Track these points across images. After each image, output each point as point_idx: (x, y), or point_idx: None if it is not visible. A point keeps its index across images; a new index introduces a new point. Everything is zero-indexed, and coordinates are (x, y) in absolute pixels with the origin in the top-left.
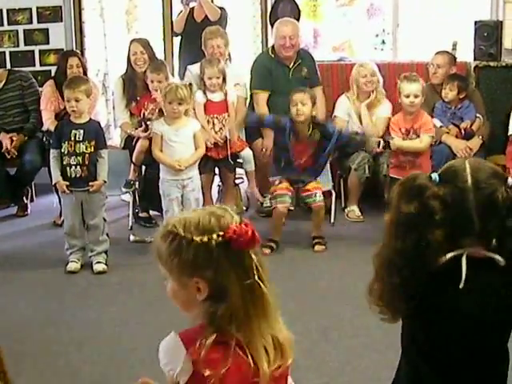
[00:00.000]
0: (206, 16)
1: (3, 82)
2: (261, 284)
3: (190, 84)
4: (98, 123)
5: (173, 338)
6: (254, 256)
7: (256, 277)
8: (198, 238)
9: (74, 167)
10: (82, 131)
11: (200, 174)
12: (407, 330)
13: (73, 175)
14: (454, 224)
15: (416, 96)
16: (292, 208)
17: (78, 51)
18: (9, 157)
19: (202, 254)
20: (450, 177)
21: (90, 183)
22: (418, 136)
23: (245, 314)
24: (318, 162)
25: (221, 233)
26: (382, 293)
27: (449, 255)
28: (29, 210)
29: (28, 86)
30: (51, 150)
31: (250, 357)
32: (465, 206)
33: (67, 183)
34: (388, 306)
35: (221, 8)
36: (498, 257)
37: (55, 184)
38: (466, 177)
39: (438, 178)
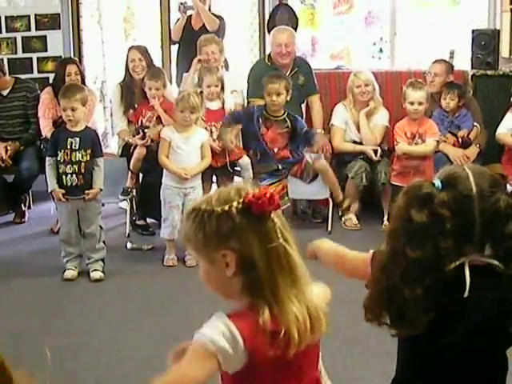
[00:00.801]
0: (204, 24)
1: (9, 89)
2: (286, 246)
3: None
4: (95, 131)
5: (226, 324)
6: (276, 219)
7: (281, 240)
8: (218, 208)
9: (70, 175)
10: (77, 139)
11: None
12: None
13: (69, 183)
14: (459, 231)
15: (420, 103)
16: (288, 204)
17: (76, 58)
18: (3, 165)
19: (224, 224)
20: (453, 183)
21: (86, 191)
22: (424, 140)
23: (273, 280)
24: (295, 156)
25: (240, 200)
26: (401, 307)
27: (453, 264)
28: (26, 217)
29: (33, 98)
30: (47, 158)
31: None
32: (470, 213)
33: (63, 191)
34: (409, 320)
35: (219, 17)
36: (496, 262)
37: (51, 192)
38: (471, 185)
39: (440, 185)
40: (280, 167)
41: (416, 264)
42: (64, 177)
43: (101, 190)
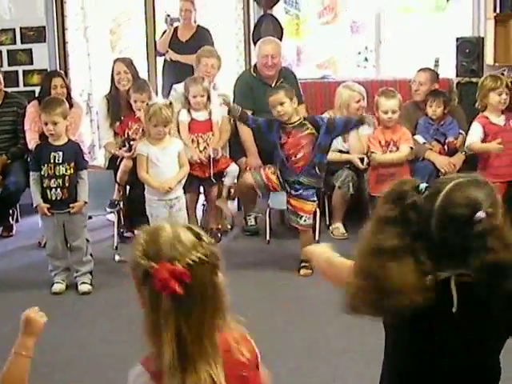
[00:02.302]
0: (192, 36)
1: None
2: None
3: (171, 103)
4: (77, 144)
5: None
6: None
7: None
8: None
9: (54, 190)
10: (60, 153)
11: (185, 193)
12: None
13: (53, 198)
14: (423, 239)
15: (394, 112)
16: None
17: (62, 71)
18: None
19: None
20: (429, 193)
21: (71, 205)
22: (398, 148)
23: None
24: (312, 159)
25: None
26: (378, 295)
27: (442, 275)
28: (14, 231)
29: (23, 113)
30: (31, 173)
31: None
32: (429, 227)
33: (48, 206)
34: (381, 308)
35: (204, 29)
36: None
37: (36, 207)
38: (438, 199)
39: (424, 189)
40: (297, 178)
41: (380, 251)
42: (48, 191)
43: (85, 202)
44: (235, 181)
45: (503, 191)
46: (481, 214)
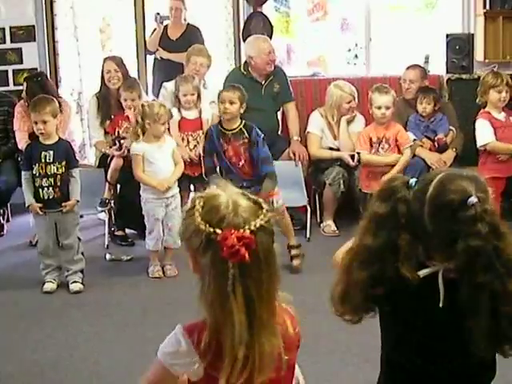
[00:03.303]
0: (182, 34)
1: None
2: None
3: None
4: (68, 143)
5: (182, 338)
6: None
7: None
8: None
9: (46, 189)
10: (51, 152)
11: None
12: (386, 344)
13: (45, 197)
14: (414, 231)
15: (387, 108)
16: None
17: (44, 71)
18: None
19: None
20: (420, 185)
21: (63, 204)
22: (390, 145)
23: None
24: (257, 169)
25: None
26: (347, 289)
27: (424, 271)
28: (5, 230)
29: (13, 113)
30: (23, 173)
31: None
32: (421, 217)
33: (40, 205)
34: (351, 303)
35: (194, 27)
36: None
37: (28, 206)
38: (429, 188)
39: (413, 184)
40: (245, 184)
41: (368, 250)
42: (40, 190)
43: (77, 201)
44: None
45: (502, 187)
46: (473, 199)
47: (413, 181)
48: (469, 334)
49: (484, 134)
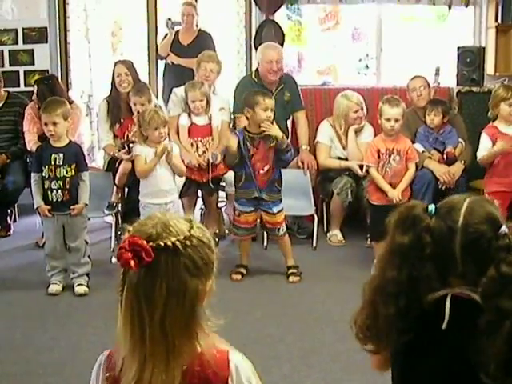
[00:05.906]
0: (193, 40)
1: (1, 104)
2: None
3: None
4: (79, 146)
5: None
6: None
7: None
8: None
9: (55, 191)
10: (61, 155)
11: (183, 196)
12: (397, 368)
13: (54, 199)
14: (439, 261)
15: (396, 120)
16: (254, 235)
17: (55, 74)
18: None
19: None
20: (444, 212)
21: (72, 207)
22: (401, 157)
23: None
24: (273, 175)
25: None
26: (372, 323)
27: (437, 294)
28: (12, 231)
29: (24, 114)
30: (32, 174)
31: None
32: (450, 245)
33: (49, 207)
34: (376, 337)
35: (206, 33)
36: (477, 297)
37: (37, 208)
38: (459, 217)
39: (433, 211)
40: (258, 196)
41: (392, 283)
42: (49, 193)
43: (86, 204)
44: None
45: (508, 201)
46: (505, 229)
47: (432, 207)
48: (480, 355)
49: (481, 148)
